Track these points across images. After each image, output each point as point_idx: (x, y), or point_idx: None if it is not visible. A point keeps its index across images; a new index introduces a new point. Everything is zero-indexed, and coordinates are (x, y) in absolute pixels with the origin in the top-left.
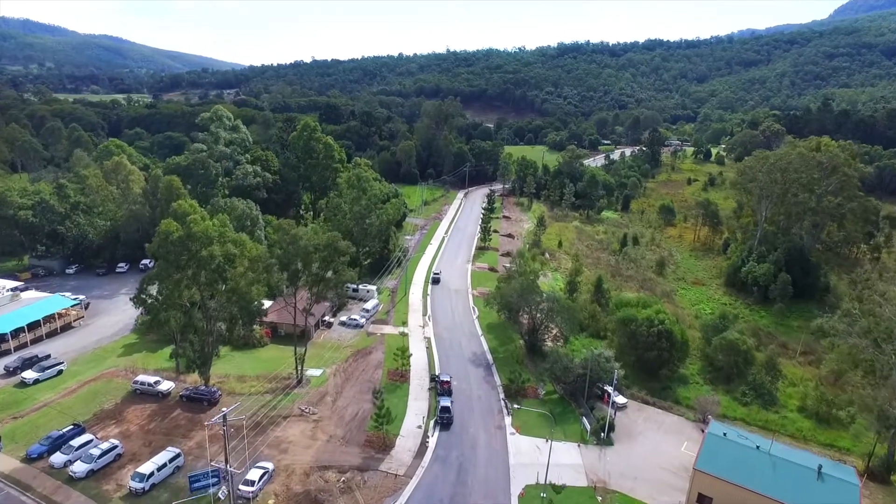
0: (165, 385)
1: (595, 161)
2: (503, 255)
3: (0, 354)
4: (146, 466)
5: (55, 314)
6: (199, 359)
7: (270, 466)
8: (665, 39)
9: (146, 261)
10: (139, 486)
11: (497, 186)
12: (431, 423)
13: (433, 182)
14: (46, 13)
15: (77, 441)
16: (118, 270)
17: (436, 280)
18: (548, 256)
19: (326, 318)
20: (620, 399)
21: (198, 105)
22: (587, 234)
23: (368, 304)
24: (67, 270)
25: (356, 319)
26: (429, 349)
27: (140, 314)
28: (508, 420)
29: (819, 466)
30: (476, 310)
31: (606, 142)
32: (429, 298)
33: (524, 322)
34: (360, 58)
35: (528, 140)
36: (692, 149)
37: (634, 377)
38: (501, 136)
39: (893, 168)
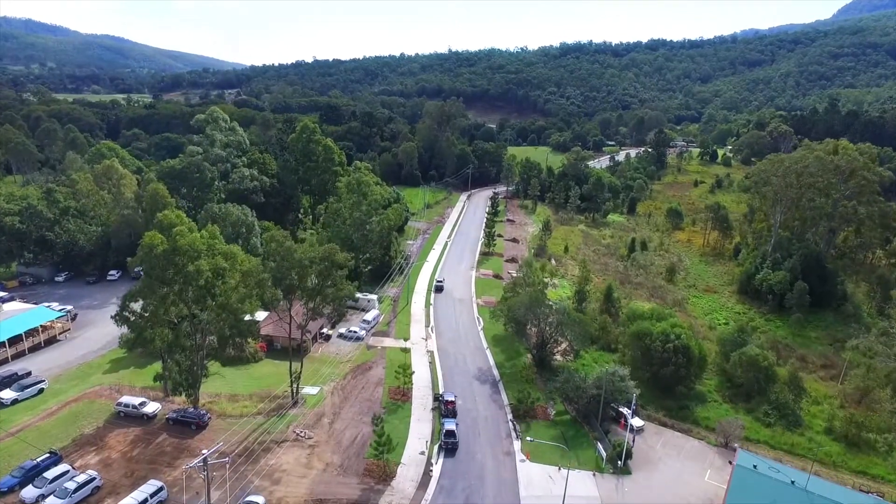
0: (151, 407)
1: (599, 163)
2: (508, 261)
3: None
4: (125, 503)
5: (38, 327)
6: (187, 380)
7: (261, 501)
8: (668, 39)
9: (139, 268)
10: None
11: (501, 188)
12: (435, 449)
13: (435, 184)
14: (48, 13)
15: (52, 472)
16: (109, 278)
17: (439, 288)
18: (554, 262)
19: (325, 331)
20: (637, 422)
21: (198, 105)
22: (593, 239)
23: (369, 315)
24: (56, 278)
25: (356, 332)
26: (432, 364)
27: (123, 333)
28: (517, 445)
29: None
30: (481, 320)
31: (611, 143)
32: (432, 308)
33: (532, 335)
34: (362, 58)
35: (532, 141)
36: (698, 150)
37: (649, 395)
38: (504, 137)
39: None
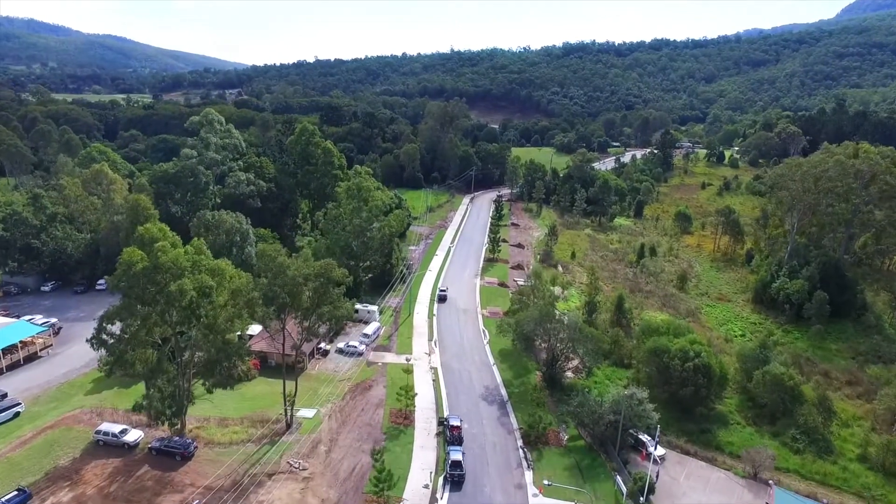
0: (133, 435)
1: (604, 164)
2: (513, 268)
3: None
4: None
5: (18, 343)
6: (170, 408)
7: None
8: (671, 39)
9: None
10: None
11: (504, 191)
12: (440, 481)
13: (438, 187)
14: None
15: None
16: (98, 287)
17: (442, 298)
18: (561, 269)
19: (322, 346)
20: (658, 450)
21: (198, 105)
22: (601, 244)
23: (369, 329)
24: (43, 288)
25: (355, 346)
26: (435, 382)
27: (101, 357)
28: (529, 476)
29: None
30: (486, 333)
31: (616, 143)
32: (435, 320)
33: (541, 350)
34: (364, 57)
35: (535, 141)
36: (704, 151)
37: (667, 416)
38: (507, 138)
39: None
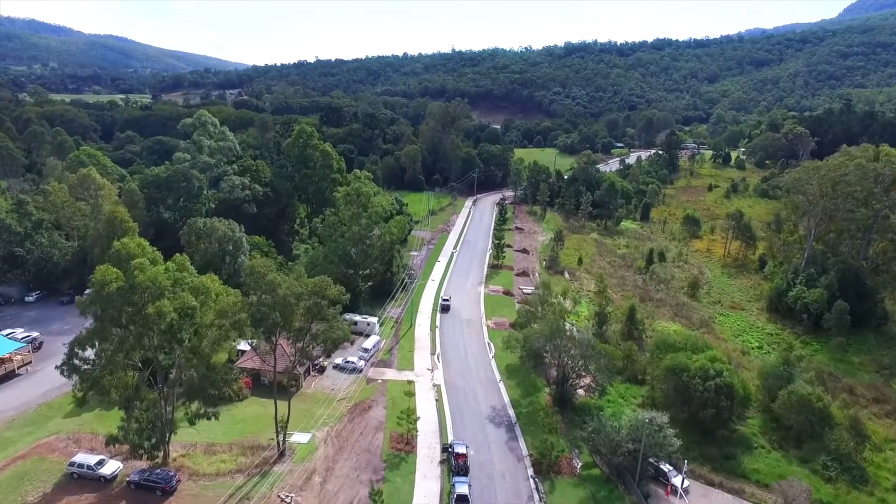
0: (110, 467)
1: (609, 166)
2: (518, 275)
3: None
4: None
5: None
6: (150, 439)
7: None
8: (674, 39)
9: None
10: None
11: (507, 193)
12: None
13: (440, 190)
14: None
15: None
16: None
17: (445, 308)
18: (567, 276)
19: (319, 362)
20: (681, 481)
21: (197, 106)
22: (608, 249)
23: (368, 343)
24: (27, 298)
25: (353, 362)
26: (439, 402)
27: (75, 385)
28: None
29: None
30: (492, 347)
31: (619, 144)
32: (437, 332)
33: (551, 366)
34: (365, 57)
35: (537, 142)
36: (710, 152)
37: (686, 439)
38: (509, 139)
39: None
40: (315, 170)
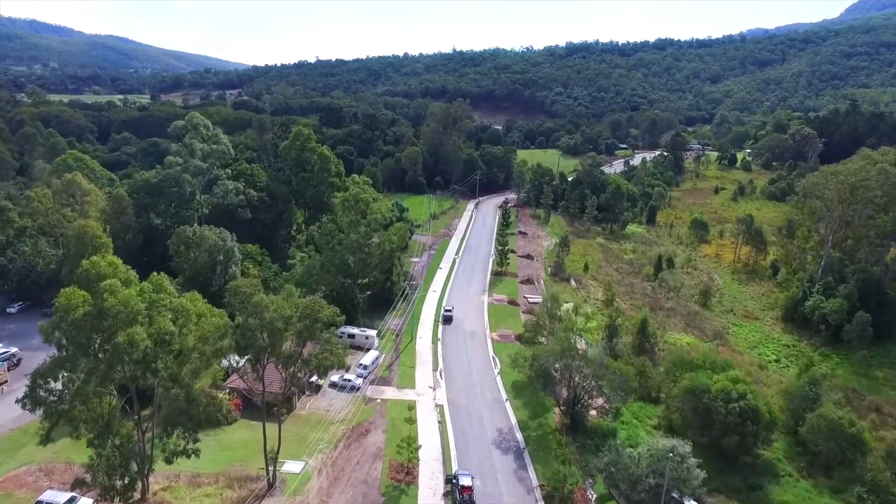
0: None
1: (613, 167)
2: (523, 283)
3: None
4: None
5: None
6: (122, 478)
7: None
8: (676, 39)
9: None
10: None
11: (510, 196)
12: None
13: (441, 192)
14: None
15: None
16: None
17: (447, 319)
18: (574, 284)
19: (314, 380)
20: None
21: (196, 106)
22: (614, 254)
23: (367, 358)
24: (9, 309)
25: (351, 380)
26: (441, 425)
27: (41, 421)
28: None
29: None
30: (497, 362)
31: (623, 146)
32: (440, 345)
33: (560, 384)
34: (365, 58)
35: (540, 143)
36: (715, 154)
37: (707, 466)
38: (511, 140)
39: None
40: (313, 173)
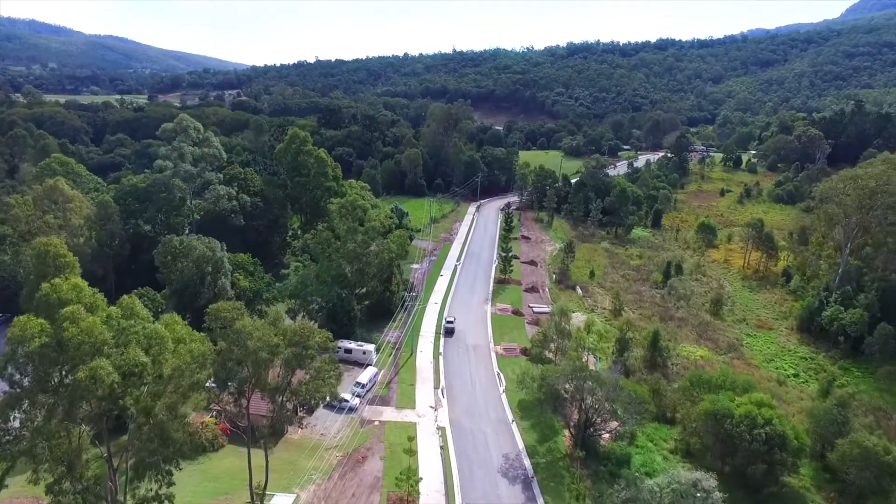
0: None
1: (616, 169)
2: (527, 291)
3: None
4: None
5: None
6: None
7: None
8: (677, 39)
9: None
10: None
11: (512, 199)
12: None
13: (442, 195)
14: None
15: None
16: None
17: (449, 331)
18: (580, 292)
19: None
20: None
21: (194, 107)
22: (620, 260)
23: (364, 375)
24: None
25: (347, 400)
26: (444, 450)
27: None
28: None
29: None
30: (502, 378)
31: (626, 147)
32: (441, 360)
33: (572, 407)
34: (365, 58)
35: (541, 144)
36: (720, 155)
37: (730, 497)
38: (512, 141)
39: None
40: (309, 178)
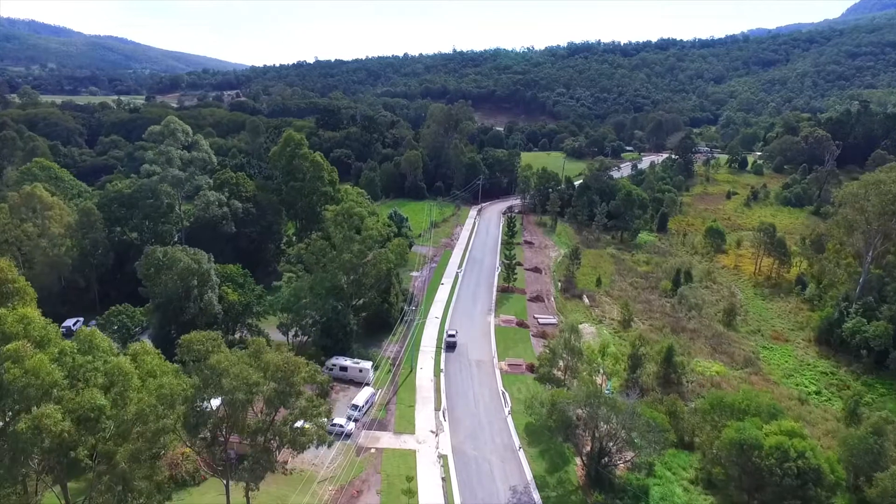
0: None
1: (620, 171)
2: (532, 300)
3: None
4: None
5: None
6: None
7: None
8: (678, 39)
9: (70, 322)
10: None
11: (514, 202)
12: None
13: (442, 199)
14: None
15: None
16: None
17: (450, 345)
18: (587, 301)
19: (299, 424)
20: None
21: (192, 108)
22: (627, 266)
23: (360, 397)
24: None
25: (341, 425)
26: (446, 482)
27: None
28: None
29: None
30: (507, 398)
31: (629, 148)
32: (442, 377)
33: (585, 435)
34: (365, 58)
35: (543, 146)
36: (725, 157)
37: None
38: (513, 142)
39: None
40: (304, 182)
